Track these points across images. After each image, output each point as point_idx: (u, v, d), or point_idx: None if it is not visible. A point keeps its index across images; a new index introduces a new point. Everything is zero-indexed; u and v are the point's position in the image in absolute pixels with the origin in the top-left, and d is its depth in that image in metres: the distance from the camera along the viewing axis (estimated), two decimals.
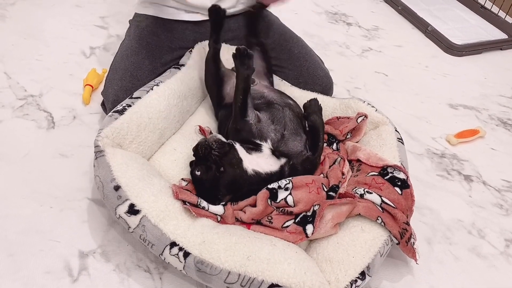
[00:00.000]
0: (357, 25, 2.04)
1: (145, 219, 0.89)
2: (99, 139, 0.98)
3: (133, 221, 0.89)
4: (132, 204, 0.89)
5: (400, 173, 1.03)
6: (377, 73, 1.74)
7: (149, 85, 1.16)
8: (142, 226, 0.88)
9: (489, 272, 1.07)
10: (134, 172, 0.95)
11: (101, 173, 0.94)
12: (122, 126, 1.03)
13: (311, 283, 0.84)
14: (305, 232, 0.94)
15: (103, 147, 0.97)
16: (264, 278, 0.83)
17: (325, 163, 1.11)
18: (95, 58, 1.60)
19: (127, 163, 0.96)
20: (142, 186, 0.93)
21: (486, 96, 1.69)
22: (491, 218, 1.21)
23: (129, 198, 0.90)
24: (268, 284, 0.83)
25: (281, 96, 1.18)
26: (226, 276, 0.84)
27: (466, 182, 1.31)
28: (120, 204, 0.90)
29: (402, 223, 0.94)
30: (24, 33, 1.68)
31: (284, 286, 0.83)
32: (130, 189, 0.91)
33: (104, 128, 1.01)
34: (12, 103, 1.36)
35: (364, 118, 1.19)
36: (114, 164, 0.94)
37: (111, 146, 1.00)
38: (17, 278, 0.93)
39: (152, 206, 0.90)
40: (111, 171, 0.93)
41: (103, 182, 0.93)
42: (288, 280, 0.83)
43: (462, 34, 1.99)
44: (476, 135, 1.46)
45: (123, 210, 0.89)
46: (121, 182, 0.91)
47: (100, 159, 0.96)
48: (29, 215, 1.05)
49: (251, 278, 0.83)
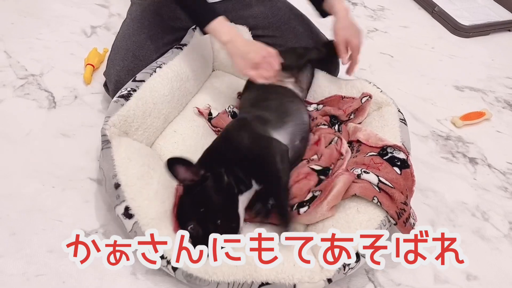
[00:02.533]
0: (362, 5, 2.00)
1: (136, 226, 0.88)
2: (107, 127, 0.97)
3: (128, 224, 0.89)
4: (127, 207, 0.89)
5: (400, 153, 1.01)
6: (383, 54, 1.72)
7: (151, 67, 1.14)
8: (134, 232, 0.88)
9: (493, 255, 1.07)
10: (135, 168, 0.94)
11: (105, 167, 0.94)
12: (129, 113, 1.02)
13: (300, 274, 0.84)
14: (298, 212, 0.94)
15: (110, 137, 0.97)
16: (253, 280, 0.84)
17: (320, 144, 1.09)
18: (96, 37, 1.58)
19: (130, 157, 0.95)
20: (139, 187, 0.92)
21: (493, 78, 1.67)
22: (495, 201, 1.20)
23: (126, 200, 0.89)
24: (258, 284, 0.84)
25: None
26: (215, 287, 0.84)
27: (471, 165, 1.30)
28: (118, 204, 0.90)
29: (400, 203, 0.93)
30: (24, 11, 1.65)
31: (273, 283, 0.83)
32: (128, 189, 0.90)
33: (111, 115, 1.00)
34: (13, 82, 1.35)
35: (368, 99, 1.18)
36: (117, 158, 0.94)
37: (117, 135, 0.99)
38: (20, 256, 0.93)
39: (144, 212, 0.89)
40: (114, 165, 0.93)
41: (106, 176, 0.93)
42: (277, 276, 0.83)
43: (470, 14, 1.95)
44: (482, 117, 1.45)
45: (120, 211, 0.89)
46: (121, 180, 0.91)
47: (105, 150, 0.95)
48: (31, 195, 1.05)
49: (241, 283, 0.84)
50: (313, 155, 1.07)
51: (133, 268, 0.94)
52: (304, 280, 0.83)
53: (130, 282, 0.92)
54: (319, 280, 0.84)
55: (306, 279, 0.83)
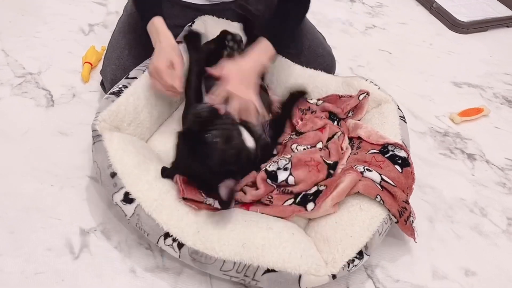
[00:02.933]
0: (360, 2, 2.00)
1: (139, 208, 0.89)
2: (96, 123, 0.98)
3: (129, 209, 0.89)
4: (127, 193, 0.89)
5: (401, 151, 1.02)
6: (381, 51, 1.71)
7: (144, 64, 1.14)
8: (137, 215, 0.89)
9: (491, 250, 1.07)
10: (130, 158, 0.95)
11: (98, 159, 0.94)
12: (119, 108, 1.02)
13: (306, 266, 0.84)
14: (305, 208, 0.94)
15: (101, 131, 0.97)
16: (259, 264, 0.84)
17: (325, 131, 1.09)
18: (94, 35, 1.58)
19: (123, 149, 0.96)
20: (137, 173, 0.92)
21: (491, 74, 1.67)
22: (493, 197, 1.20)
23: (124, 186, 0.90)
24: (264, 269, 0.84)
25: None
26: (221, 265, 0.85)
27: (469, 161, 1.30)
28: (116, 192, 0.90)
29: (401, 202, 0.93)
30: (22, 9, 1.64)
31: (279, 271, 0.83)
32: (126, 177, 0.91)
33: (101, 111, 1.00)
34: (10, 80, 1.35)
35: (365, 96, 1.17)
36: (111, 149, 0.94)
37: (108, 130, 0.99)
38: (19, 255, 0.93)
39: (146, 195, 0.90)
40: (107, 157, 0.93)
41: (100, 168, 0.93)
42: (283, 265, 0.84)
43: (468, 11, 1.95)
44: (480, 113, 1.45)
45: (119, 198, 0.90)
46: (117, 169, 0.91)
47: (97, 144, 0.95)
48: (29, 193, 1.05)
49: (246, 265, 0.84)
50: (317, 142, 1.07)
51: (132, 265, 0.94)
52: (310, 272, 0.84)
53: (129, 280, 0.92)
54: (324, 275, 0.85)
55: (312, 271, 0.84)
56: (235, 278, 0.86)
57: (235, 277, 0.86)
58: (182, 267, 0.95)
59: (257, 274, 0.84)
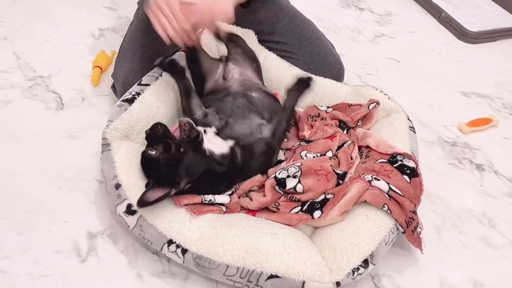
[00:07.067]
0: (369, 10, 2.00)
1: (141, 219, 0.89)
2: (108, 131, 0.98)
3: (131, 220, 0.90)
4: (129, 204, 0.90)
5: (410, 161, 1.01)
6: (389, 59, 1.72)
7: (157, 70, 1.15)
8: (140, 226, 0.89)
9: (499, 262, 1.06)
10: (136, 169, 0.95)
11: (105, 168, 0.95)
12: (132, 117, 1.03)
13: (310, 272, 0.84)
14: (312, 217, 0.94)
15: (110, 140, 0.98)
16: (263, 270, 0.83)
17: (334, 140, 1.10)
18: (104, 39, 1.59)
19: (130, 159, 0.96)
20: (142, 185, 0.93)
21: (500, 85, 1.66)
22: (502, 208, 1.19)
23: (128, 198, 0.90)
24: (267, 275, 0.83)
25: (247, 89, 1.14)
26: (225, 270, 0.85)
27: (477, 171, 1.29)
28: (119, 203, 0.91)
29: (409, 212, 0.93)
30: (33, 13, 1.66)
31: (283, 277, 0.83)
32: (130, 188, 0.91)
33: (114, 120, 1.00)
34: (21, 83, 1.36)
35: (376, 105, 1.17)
36: (118, 160, 0.95)
37: (118, 138, 1.00)
38: (26, 257, 0.94)
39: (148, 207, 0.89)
40: (114, 167, 0.94)
41: (106, 178, 0.94)
42: (287, 271, 0.83)
43: (477, 20, 1.95)
44: (489, 123, 1.44)
45: (121, 210, 0.90)
46: (122, 181, 0.92)
47: (106, 153, 0.96)
48: (38, 195, 1.05)
49: (250, 270, 0.84)
50: (327, 150, 1.07)
51: (139, 270, 0.94)
52: (314, 279, 0.83)
53: (136, 284, 0.92)
54: (328, 282, 0.84)
55: (316, 278, 0.83)
56: (238, 283, 0.86)
57: (238, 282, 0.86)
58: (188, 272, 0.95)
59: (260, 279, 0.84)
